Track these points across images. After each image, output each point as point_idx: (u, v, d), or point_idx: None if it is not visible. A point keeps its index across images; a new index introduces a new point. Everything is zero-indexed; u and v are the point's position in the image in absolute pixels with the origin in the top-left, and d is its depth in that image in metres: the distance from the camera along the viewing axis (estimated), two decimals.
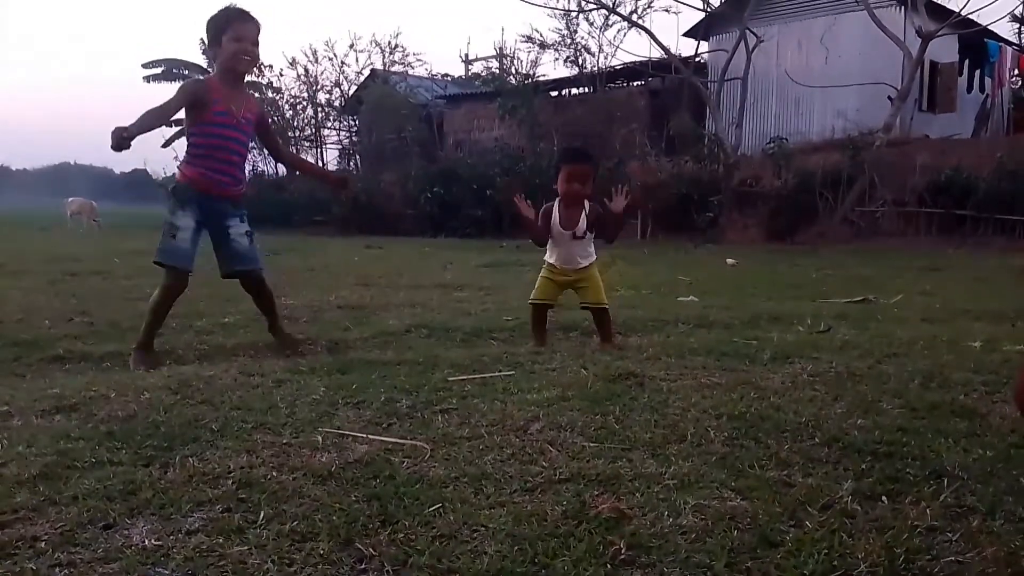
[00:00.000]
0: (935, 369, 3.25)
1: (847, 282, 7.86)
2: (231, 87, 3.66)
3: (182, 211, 3.63)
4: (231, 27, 3.58)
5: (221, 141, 3.65)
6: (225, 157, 3.68)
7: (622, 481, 1.91)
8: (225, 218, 3.74)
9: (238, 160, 3.77)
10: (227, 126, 3.63)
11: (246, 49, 3.60)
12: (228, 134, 3.65)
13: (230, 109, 3.61)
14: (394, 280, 7.74)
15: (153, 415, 2.52)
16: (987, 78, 18.86)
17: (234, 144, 3.70)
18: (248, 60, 3.66)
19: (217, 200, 3.69)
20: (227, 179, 3.71)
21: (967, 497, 1.80)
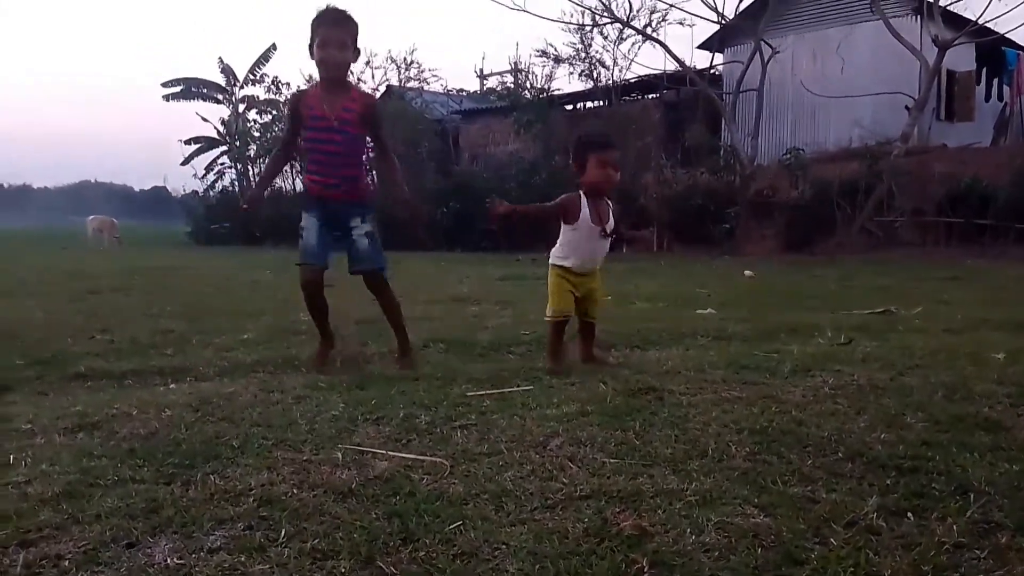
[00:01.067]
0: (958, 381, 3.21)
1: (866, 293, 7.79)
2: (328, 91, 3.70)
3: (306, 213, 3.76)
4: (318, 32, 3.63)
5: (320, 145, 3.72)
6: (327, 160, 3.72)
7: (643, 498, 1.89)
8: (347, 219, 3.78)
9: (342, 161, 3.75)
10: (322, 129, 3.67)
11: (329, 55, 3.61)
12: (324, 137, 3.69)
13: (323, 113, 3.65)
14: (412, 294, 7.74)
15: (174, 432, 2.54)
16: (1005, 86, 18.70)
17: (332, 146, 3.70)
18: (332, 65, 3.66)
19: (332, 203, 3.76)
20: (334, 181, 3.74)
21: (994, 513, 1.78)
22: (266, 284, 9.20)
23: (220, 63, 30.07)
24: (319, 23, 3.63)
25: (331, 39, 3.60)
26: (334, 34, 3.62)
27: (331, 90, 3.70)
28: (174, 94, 30.30)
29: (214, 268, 12.42)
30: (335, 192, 3.75)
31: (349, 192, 3.78)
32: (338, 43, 3.62)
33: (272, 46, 29.30)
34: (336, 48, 3.61)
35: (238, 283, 9.34)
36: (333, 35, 3.61)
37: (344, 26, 3.65)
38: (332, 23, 3.63)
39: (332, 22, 3.64)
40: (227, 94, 30.17)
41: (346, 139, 3.72)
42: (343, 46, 3.64)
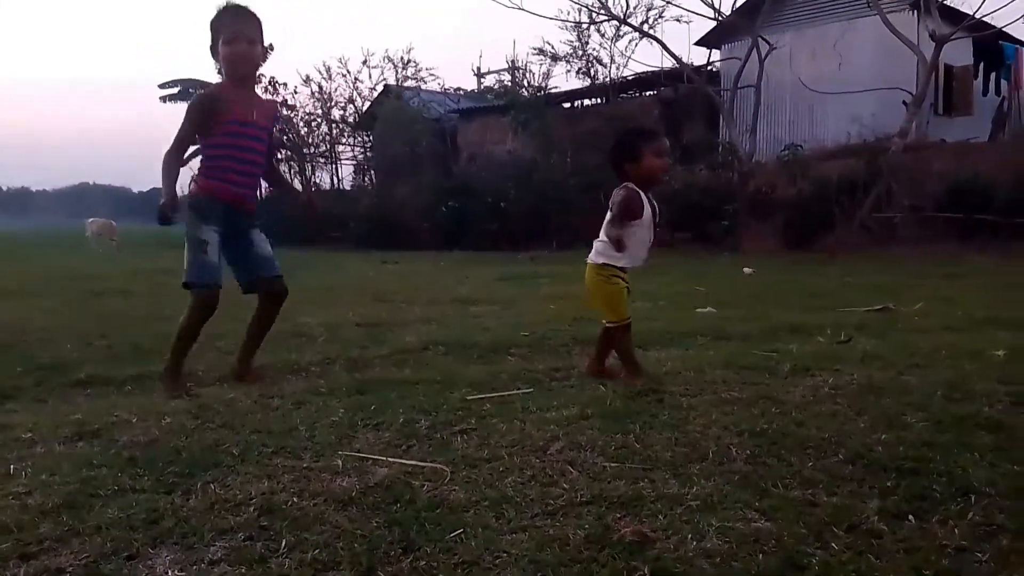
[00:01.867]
0: (959, 380, 3.21)
1: (866, 290, 7.79)
2: (240, 92, 3.49)
3: (206, 224, 3.44)
4: (222, 30, 3.42)
5: (238, 152, 3.49)
6: (244, 168, 3.53)
7: (644, 503, 1.89)
8: (248, 229, 3.60)
9: (256, 169, 3.60)
10: (243, 135, 3.47)
11: (240, 51, 3.41)
12: (245, 143, 3.49)
13: (244, 116, 3.46)
14: (411, 296, 7.76)
15: (174, 440, 2.54)
16: (1003, 81, 18.68)
17: (250, 153, 3.53)
18: (242, 63, 3.45)
19: (238, 212, 3.54)
20: (248, 191, 3.59)
21: (996, 515, 1.78)
22: None
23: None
24: (223, 19, 3.43)
25: (239, 35, 3.41)
26: (242, 29, 3.42)
27: (243, 91, 3.50)
28: (171, 95, 30.24)
29: None
30: (245, 200, 3.56)
31: (253, 203, 3.65)
32: (247, 38, 3.43)
33: (269, 46, 29.23)
34: (246, 43, 3.42)
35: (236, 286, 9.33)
36: (241, 30, 3.42)
37: (250, 21, 3.45)
38: (237, 18, 3.44)
39: (237, 17, 3.44)
40: None
41: (261, 146, 3.57)
42: (252, 41, 3.45)
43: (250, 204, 3.62)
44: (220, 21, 3.45)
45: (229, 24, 3.43)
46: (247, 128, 3.48)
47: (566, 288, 8.38)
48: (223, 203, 3.48)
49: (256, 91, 3.73)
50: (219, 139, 3.47)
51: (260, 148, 3.57)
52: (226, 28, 3.42)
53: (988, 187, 13.86)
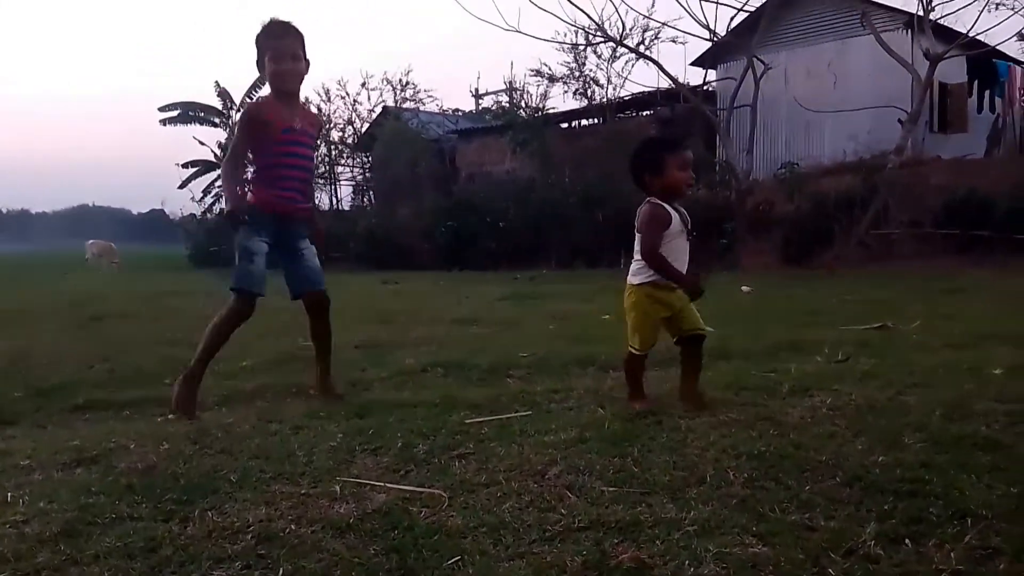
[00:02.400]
0: (957, 399, 3.22)
1: (865, 307, 7.79)
2: (285, 104, 3.64)
3: (257, 235, 3.56)
4: (268, 47, 3.57)
5: (289, 159, 3.62)
6: (295, 175, 3.65)
7: (642, 528, 1.89)
8: (297, 239, 3.71)
9: (307, 176, 3.75)
10: (291, 143, 3.61)
11: (285, 68, 3.56)
12: (294, 151, 3.63)
13: (292, 126, 3.59)
14: (411, 316, 7.76)
15: (173, 466, 2.54)
16: (997, 98, 18.81)
17: (301, 160, 3.67)
18: (289, 78, 3.62)
19: (290, 221, 3.67)
20: (299, 196, 3.70)
21: (992, 538, 1.78)
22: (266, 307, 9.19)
23: (217, 87, 30.23)
24: (268, 36, 3.57)
25: (284, 51, 3.55)
26: (286, 46, 3.57)
27: (289, 104, 3.65)
28: (171, 118, 30.43)
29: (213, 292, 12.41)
30: (296, 209, 3.67)
31: (305, 209, 3.77)
32: (292, 54, 3.58)
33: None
34: (291, 59, 3.57)
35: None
36: (285, 47, 3.56)
37: (295, 37, 3.61)
38: (282, 35, 3.58)
39: (281, 34, 3.58)
40: (224, 117, 30.30)
41: (310, 153, 3.75)
42: (297, 57, 3.60)
43: (302, 212, 3.74)
44: (266, 38, 3.59)
45: (275, 41, 3.58)
46: (294, 138, 3.62)
47: (566, 307, 8.40)
48: (274, 213, 3.62)
49: (300, 103, 3.86)
50: (267, 150, 3.61)
51: (307, 155, 3.75)
52: (272, 45, 3.57)
53: (984, 203, 13.91)
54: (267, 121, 3.57)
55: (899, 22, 17.30)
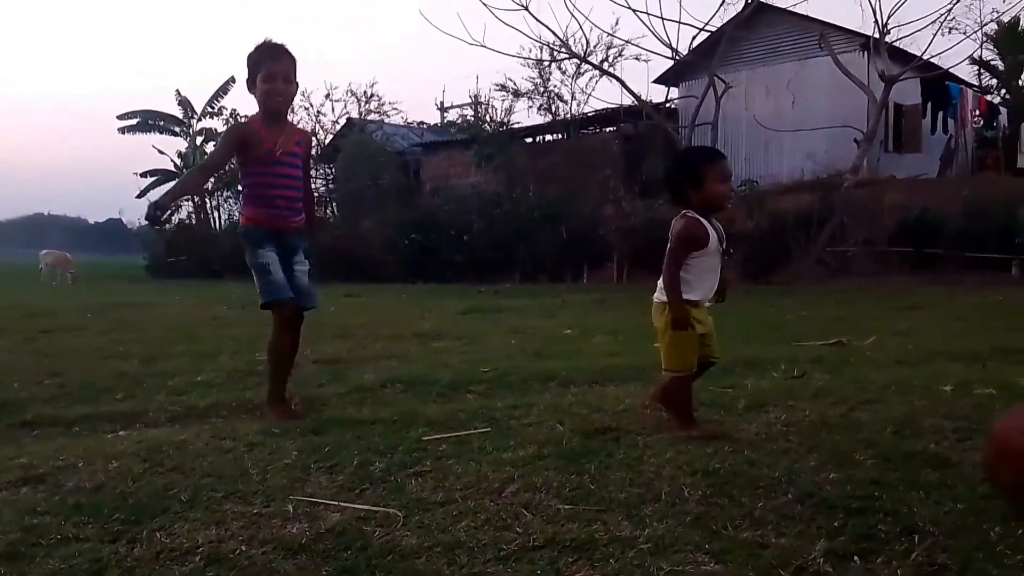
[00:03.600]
0: (908, 416, 3.28)
1: (822, 323, 7.92)
2: (273, 125, 3.67)
3: (262, 248, 3.64)
4: (262, 67, 3.59)
5: (276, 179, 3.67)
6: (283, 194, 3.70)
7: (597, 546, 1.89)
8: (293, 253, 3.76)
9: (295, 193, 3.78)
10: (278, 163, 3.64)
11: (277, 89, 3.60)
12: (281, 171, 3.67)
13: (278, 148, 3.63)
14: (372, 330, 7.71)
15: (121, 486, 2.48)
16: (950, 119, 19.36)
17: (288, 180, 3.71)
18: (281, 99, 3.66)
19: (286, 235, 3.72)
20: (289, 213, 3.74)
21: (939, 555, 1.81)
22: (224, 321, 9.07)
23: (178, 95, 29.88)
24: (262, 57, 3.61)
25: (277, 72, 3.60)
26: (279, 67, 3.61)
27: (276, 124, 3.69)
28: (130, 127, 29.98)
29: (171, 304, 12.21)
30: (287, 223, 3.73)
31: (298, 222, 3.81)
32: (284, 76, 3.62)
33: (231, 79, 29.15)
34: (283, 81, 3.61)
35: (195, 320, 9.19)
36: (278, 68, 3.61)
37: (287, 59, 3.66)
38: (276, 56, 3.63)
39: (276, 55, 3.63)
40: (184, 127, 29.95)
41: (297, 171, 3.76)
42: (288, 79, 3.64)
43: (294, 225, 3.78)
44: (259, 58, 3.62)
45: (269, 62, 3.60)
46: (282, 159, 3.66)
47: (528, 322, 8.41)
48: (270, 229, 3.68)
49: (288, 123, 3.88)
50: (256, 171, 3.67)
51: (295, 174, 3.76)
52: (266, 65, 3.59)
53: (937, 221, 14.29)
54: (254, 143, 3.62)
55: (856, 44, 17.75)
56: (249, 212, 3.73)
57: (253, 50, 3.65)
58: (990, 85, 24.23)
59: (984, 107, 20.96)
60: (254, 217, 3.71)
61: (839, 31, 17.94)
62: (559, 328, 7.71)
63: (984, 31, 20.39)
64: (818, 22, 17.91)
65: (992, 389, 3.87)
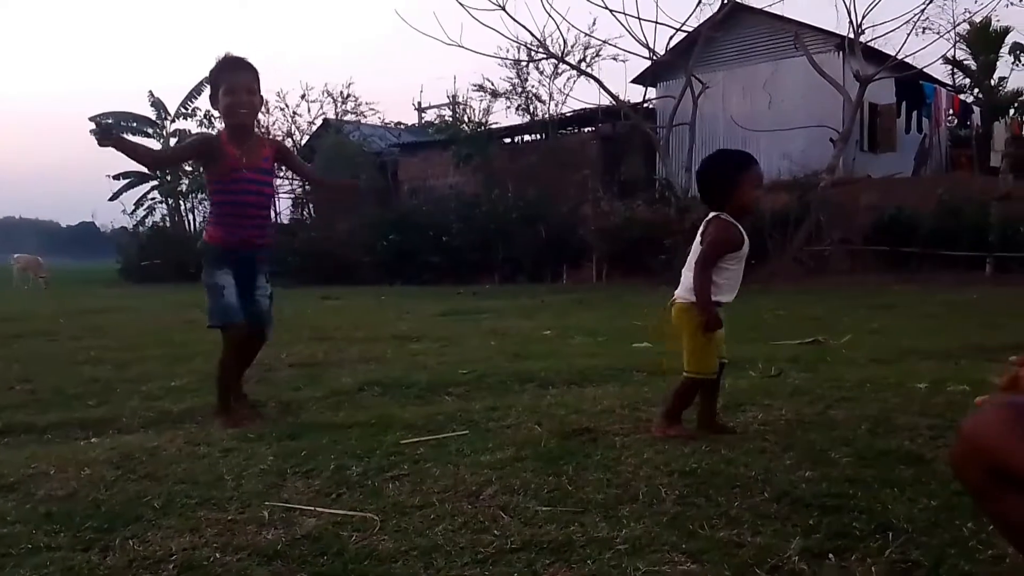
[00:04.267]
0: (883, 414, 3.32)
1: (798, 322, 7.99)
2: (240, 139, 3.61)
3: (219, 270, 3.59)
4: (222, 80, 3.55)
5: (241, 197, 3.62)
6: (248, 212, 3.65)
7: (574, 548, 1.89)
8: (254, 275, 3.70)
9: (262, 212, 3.75)
10: (244, 180, 3.59)
11: (240, 101, 3.54)
12: (247, 188, 3.61)
13: (243, 164, 3.57)
14: (350, 333, 7.66)
15: (94, 493, 2.45)
16: (924, 119, 19.59)
17: (254, 197, 3.66)
18: (244, 112, 3.59)
19: (247, 253, 3.67)
20: (254, 232, 3.69)
21: (912, 552, 1.83)
22: (199, 325, 8.96)
23: (151, 97, 29.54)
24: (222, 71, 3.58)
25: (239, 85, 3.55)
26: (240, 80, 3.56)
27: (242, 139, 3.63)
28: None
29: (145, 308, 12.09)
30: (252, 242, 3.68)
31: (263, 241, 3.76)
32: (246, 88, 3.57)
33: (205, 80, 28.89)
34: (245, 93, 3.56)
35: (169, 324, 9.09)
36: (240, 81, 3.56)
37: (249, 72, 3.61)
38: (237, 69, 3.59)
39: (236, 68, 3.59)
40: (158, 128, 29.60)
41: (264, 188, 3.72)
42: (251, 91, 3.59)
43: (260, 242, 3.73)
44: (220, 72, 3.58)
45: (229, 75, 3.56)
46: (247, 175, 3.61)
47: (507, 323, 8.40)
48: (231, 250, 3.64)
49: (255, 136, 3.83)
50: (221, 188, 3.64)
51: (261, 191, 3.72)
52: (226, 79, 3.55)
53: (912, 220, 14.45)
54: (217, 158, 3.58)
55: (831, 44, 17.90)
56: (212, 229, 3.70)
57: (214, 65, 3.61)
58: (963, 84, 24.58)
59: (957, 106, 21.23)
60: (215, 235, 3.67)
61: (814, 31, 18.10)
62: (538, 329, 7.71)
63: (957, 31, 20.64)
64: (793, 22, 18.05)
65: (965, 386, 3.92)
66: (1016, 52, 22.64)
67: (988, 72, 23.92)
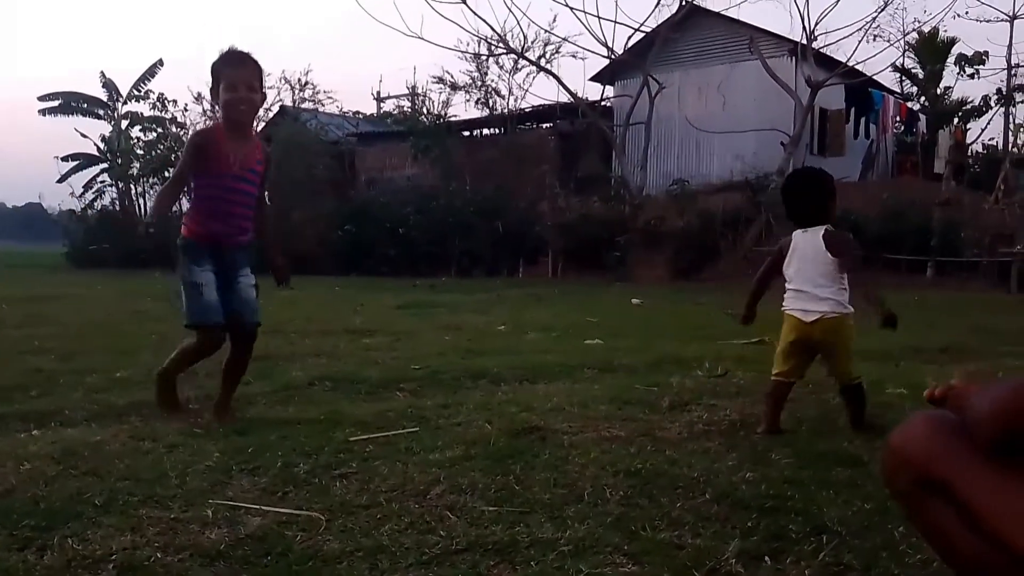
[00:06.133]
0: (822, 415, 3.43)
1: None
2: (235, 136, 3.52)
3: (198, 267, 3.47)
4: (224, 74, 3.46)
5: (229, 194, 3.51)
6: (233, 211, 3.54)
7: (519, 549, 1.92)
8: (236, 267, 3.59)
9: (246, 211, 3.62)
10: (233, 177, 3.49)
11: (240, 98, 3.45)
12: (234, 186, 3.51)
13: (236, 161, 3.48)
14: (302, 326, 7.58)
15: (33, 489, 2.40)
16: (872, 125, 20.09)
17: (242, 197, 3.56)
18: (244, 109, 3.51)
19: (228, 250, 3.56)
20: (235, 230, 3.58)
21: (845, 555, 1.89)
22: (147, 315, 8.80)
23: (102, 77, 28.74)
24: (224, 64, 3.49)
25: (240, 80, 3.46)
26: (242, 75, 3.48)
27: (237, 136, 3.54)
28: (51, 108, 28.72)
29: (92, 296, 11.79)
30: (232, 240, 3.58)
31: (244, 240, 3.66)
32: (247, 84, 3.48)
33: (158, 62, 28.22)
34: (246, 89, 3.48)
35: (117, 314, 8.89)
36: (241, 76, 3.47)
37: (252, 68, 3.53)
38: (239, 64, 3.50)
39: (239, 63, 3.51)
40: (109, 110, 28.83)
41: (252, 189, 3.61)
42: (252, 88, 3.51)
43: (239, 242, 3.62)
44: (222, 66, 3.48)
45: (231, 69, 3.47)
46: (238, 173, 3.51)
47: (462, 318, 8.40)
48: (210, 244, 3.53)
49: (251, 135, 3.74)
50: (208, 182, 3.52)
51: (250, 191, 3.60)
52: (228, 73, 3.46)
53: (858, 223, 14.80)
54: (210, 152, 3.47)
55: (784, 49, 18.25)
56: (193, 224, 3.56)
57: (217, 58, 3.52)
58: (911, 92, 25.21)
59: (904, 113, 21.84)
60: (196, 231, 3.54)
61: (768, 36, 18.43)
62: (492, 324, 7.74)
63: (906, 40, 21.20)
64: (748, 26, 18.37)
65: (903, 389, 4.06)
66: (961, 63, 23.29)
67: (934, 81, 24.58)
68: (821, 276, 3.19)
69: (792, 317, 3.27)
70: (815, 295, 3.21)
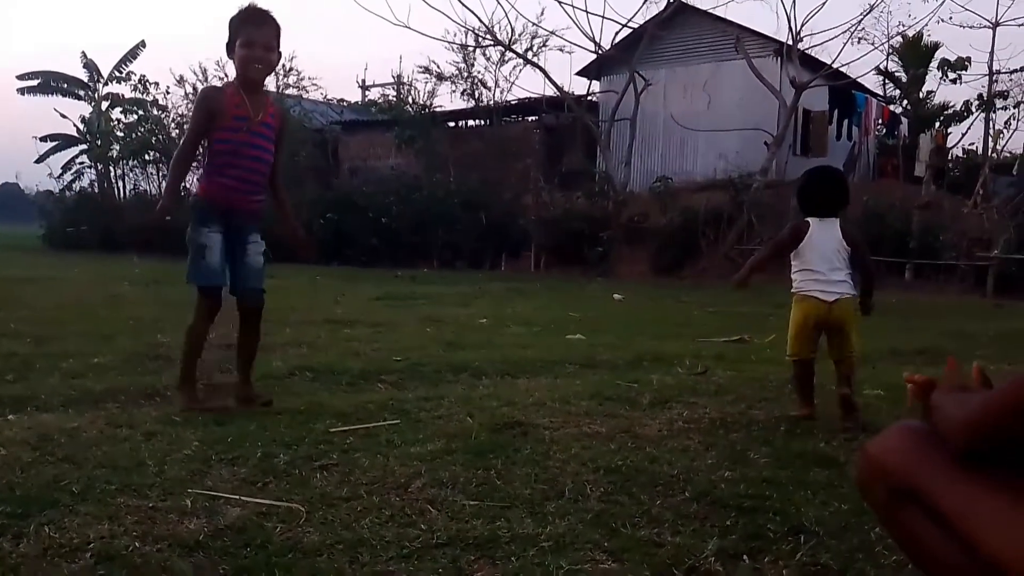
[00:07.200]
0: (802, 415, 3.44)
1: (726, 319, 8.20)
2: (249, 93, 3.47)
3: (207, 228, 3.43)
4: (242, 31, 3.40)
5: (242, 148, 3.44)
6: (247, 165, 3.48)
7: (499, 544, 1.92)
8: (246, 232, 3.54)
9: (261, 168, 3.55)
10: (247, 131, 3.43)
11: (256, 56, 3.40)
12: (248, 140, 3.45)
13: (249, 115, 3.43)
14: (282, 315, 7.52)
15: (8, 476, 2.37)
16: (855, 127, 20.25)
17: (255, 151, 3.49)
18: (259, 68, 3.46)
19: (239, 214, 3.50)
20: (249, 188, 3.51)
21: (822, 555, 1.91)
22: (125, 299, 8.71)
23: (83, 57, 28.33)
24: (243, 21, 3.43)
25: (258, 39, 3.41)
26: (261, 34, 3.43)
27: (251, 93, 3.50)
28: (30, 88, 28.28)
29: (69, 279, 11.65)
30: (246, 202, 3.52)
31: (257, 203, 3.60)
32: (264, 44, 3.43)
33: (141, 43, 27.87)
34: (263, 49, 3.43)
35: (94, 298, 8.79)
36: (260, 35, 3.42)
37: (270, 26, 3.48)
38: (259, 22, 3.44)
39: (259, 21, 3.45)
40: (90, 91, 28.43)
41: (267, 144, 3.54)
42: (269, 47, 3.46)
43: (252, 205, 3.56)
44: (241, 23, 3.43)
45: (250, 27, 3.42)
46: (251, 129, 3.45)
47: (444, 310, 8.39)
48: (222, 206, 3.47)
49: (265, 95, 3.67)
50: (221, 138, 3.45)
51: (266, 147, 3.54)
52: (247, 31, 3.41)
53: None
54: (224, 108, 3.42)
55: (769, 50, 18.32)
56: (206, 183, 3.51)
57: (236, 13, 3.46)
58: (893, 96, 25.42)
59: (887, 116, 22.02)
60: (209, 190, 3.49)
61: (754, 36, 18.49)
62: (474, 317, 7.73)
63: (891, 43, 21.37)
64: (735, 26, 18.41)
65: (880, 390, 4.11)
66: (944, 68, 23.49)
67: (917, 85, 24.79)
68: (839, 262, 3.47)
69: (811, 298, 3.46)
70: (832, 279, 3.45)
